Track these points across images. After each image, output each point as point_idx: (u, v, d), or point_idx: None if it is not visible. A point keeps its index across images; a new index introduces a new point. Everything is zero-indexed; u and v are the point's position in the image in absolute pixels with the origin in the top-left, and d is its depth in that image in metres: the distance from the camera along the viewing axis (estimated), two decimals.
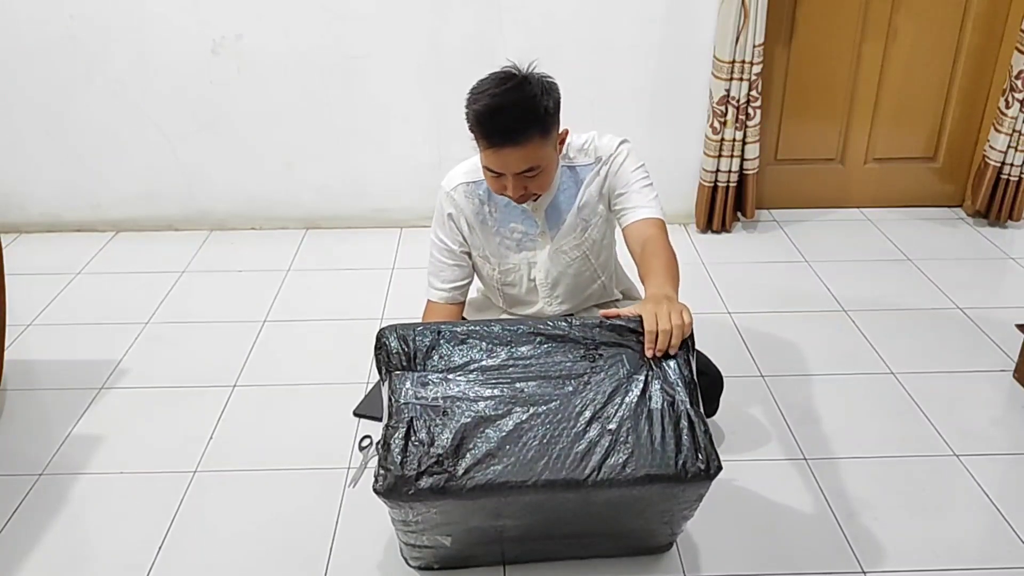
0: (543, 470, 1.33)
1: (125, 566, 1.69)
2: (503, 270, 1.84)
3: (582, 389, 1.40)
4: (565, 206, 1.77)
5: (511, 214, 1.78)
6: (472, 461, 1.33)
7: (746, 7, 2.77)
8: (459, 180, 1.78)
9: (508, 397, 1.39)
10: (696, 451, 1.35)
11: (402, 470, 1.33)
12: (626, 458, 1.34)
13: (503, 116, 1.53)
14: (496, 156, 1.57)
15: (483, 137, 1.57)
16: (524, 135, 1.54)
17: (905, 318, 2.57)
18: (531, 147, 1.56)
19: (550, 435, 1.35)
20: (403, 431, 1.36)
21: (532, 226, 1.79)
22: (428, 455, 1.33)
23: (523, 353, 1.43)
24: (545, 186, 1.66)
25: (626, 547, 1.64)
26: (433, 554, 1.59)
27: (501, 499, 1.34)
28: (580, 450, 1.34)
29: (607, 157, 1.74)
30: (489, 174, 1.63)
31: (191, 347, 2.47)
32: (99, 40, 2.93)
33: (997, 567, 1.66)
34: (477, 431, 1.36)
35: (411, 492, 1.32)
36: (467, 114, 1.58)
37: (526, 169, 1.58)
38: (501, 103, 1.52)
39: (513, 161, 1.56)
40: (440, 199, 1.81)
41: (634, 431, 1.36)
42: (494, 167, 1.59)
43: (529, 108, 1.54)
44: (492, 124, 1.54)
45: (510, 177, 1.59)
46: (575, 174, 1.76)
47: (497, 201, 1.77)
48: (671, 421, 1.37)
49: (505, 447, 1.34)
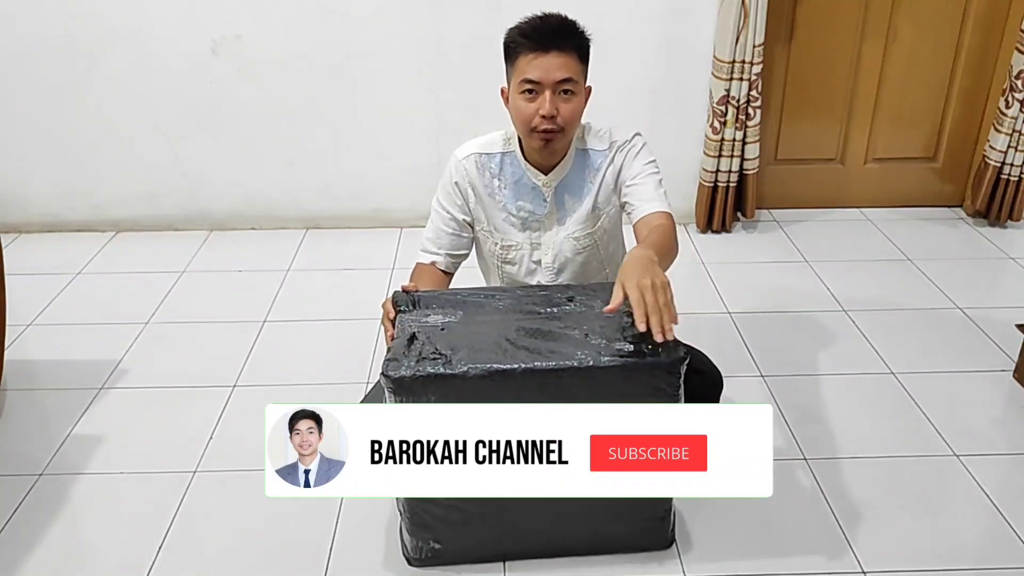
0: (531, 360, 1.44)
1: (125, 566, 1.69)
2: (504, 246, 1.84)
3: (568, 316, 1.58)
4: (574, 189, 1.78)
5: (520, 191, 1.78)
6: (469, 357, 1.45)
7: (746, 7, 2.77)
8: (473, 150, 1.80)
9: (500, 321, 1.56)
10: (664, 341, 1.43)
11: (406, 359, 1.45)
12: (604, 353, 1.46)
13: (551, 21, 1.64)
14: (539, 61, 1.61)
15: (528, 41, 1.62)
16: (568, 43, 1.63)
17: (905, 318, 2.57)
18: (572, 60, 1.63)
19: (539, 347, 1.48)
20: (406, 340, 1.51)
21: (540, 206, 1.79)
22: (429, 350, 1.48)
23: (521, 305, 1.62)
24: (572, 121, 1.67)
25: (626, 532, 1.65)
26: (436, 539, 1.61)
27: (493, 385, 1.43)
28: (566, 351, 1.47)
29: (622, 144, 1.76)
30: (524, 96, 1.64)
31: (191, 347, 2.47)
32: (99, 40, 2.93)
33: (997, 567, 1.66)
34: (474, 339, 1.50)
35: (413, 376, 1.42)
36: (508, 36, 1.66)
37: (564, 80, 1.62)
38: (551, 15, 1.66)
39: (555, 66, 1.61)
40: (450, 167, 1.82)
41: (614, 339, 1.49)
42: (535, 75, 1.61)
43: (573, 25, 1.66)
44: (541, 27, 1.63)
45: (547, 94, 1.62)
46: (588, 158, 1.77)
47: (507, 177, 1.78)
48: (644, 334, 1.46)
49: (498, 350, 1.48)
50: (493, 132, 1.81)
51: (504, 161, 1.79)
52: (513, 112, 1.70)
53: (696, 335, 2.33)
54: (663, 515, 1.65)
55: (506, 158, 1.79)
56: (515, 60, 1.65)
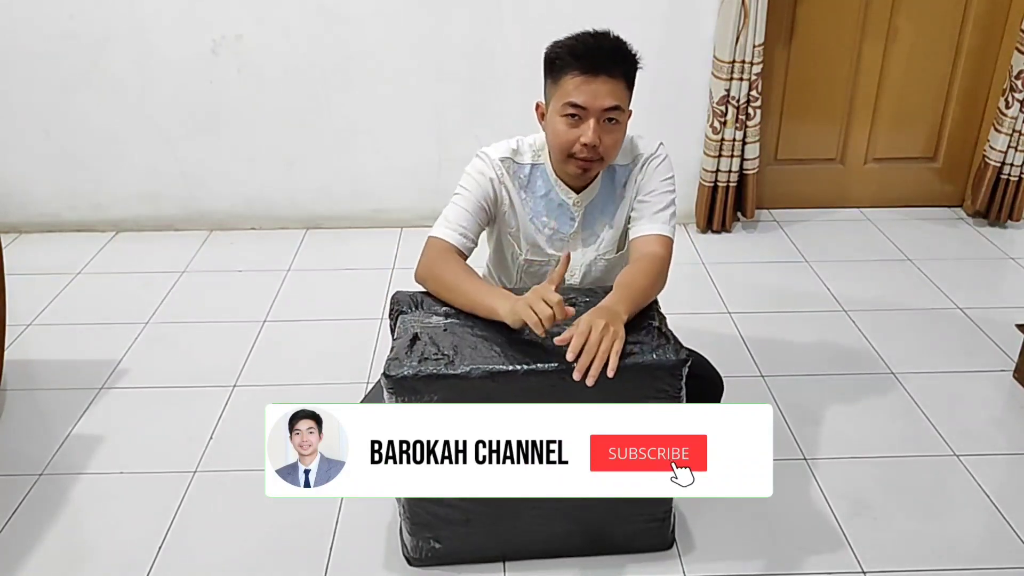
0: (532, 361, 1.45)
1: (125, 566, 1.69)
2: (528, 259, 1.76)
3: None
4: (604, 207, 1.72)
5: (548, 207, 1.70)
6: (470, 357, 1.46)
7: (746, 7, 2.77)
8: (504, 154, 1.69)
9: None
10: (667, 343, 1.49)
11: (408, 358, 1.46)
12: None
13: (606, 42, 1.55)
14: (588, 86, 1.52)
15: (578, 62, 1.52)
16: (619, 68, 1.54)
17: (905, 318, 2.57)
18: (620, 87, 1.55)
19: (541, 348, 1.48)
20: (408, 340, 1.51)
21: (567, 224, 1.72)
22: (431, 350, 1.48)
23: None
24: (613, 151, 1.60)
25: (626, 532, 1.65)
26: (436, 538, 1.61)
27: (495, 385, 1.44)
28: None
29: (647, 157, 1.69)
30: (566, 119, 1.55)
31: (191, 347, 2.47)
32: (99, 40, 2.93)
33: (997, 567, 1.66)
34: (476, 340, 1.50)
35: (415, 375, 1.43)
36: (553, 52, 1.57)
37: (612, 107, 1.53)
38: (603, 36, 1.56)
39: (604, 92, 1.52)
40: (480, 164, 1.68)
41: None
42: (581, 100, 1.52)
43: (626, 49, 1.57)
44: (594, 49, 1.53)
45: (592, 120, 1.53)
46: (614, 174, 1.71)
47: (534, 190, 1.70)
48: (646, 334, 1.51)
49: (500, 351, 1.48)
50: (512, 138, 1.71)
51: (533, 173, 1.70)
52: (550, 134, 1.61)
53: (696, 335, 2.33)
54: (663, 516, 1.65)
55: (535, 170, 1.70)
56: (559, 79, 1.55)
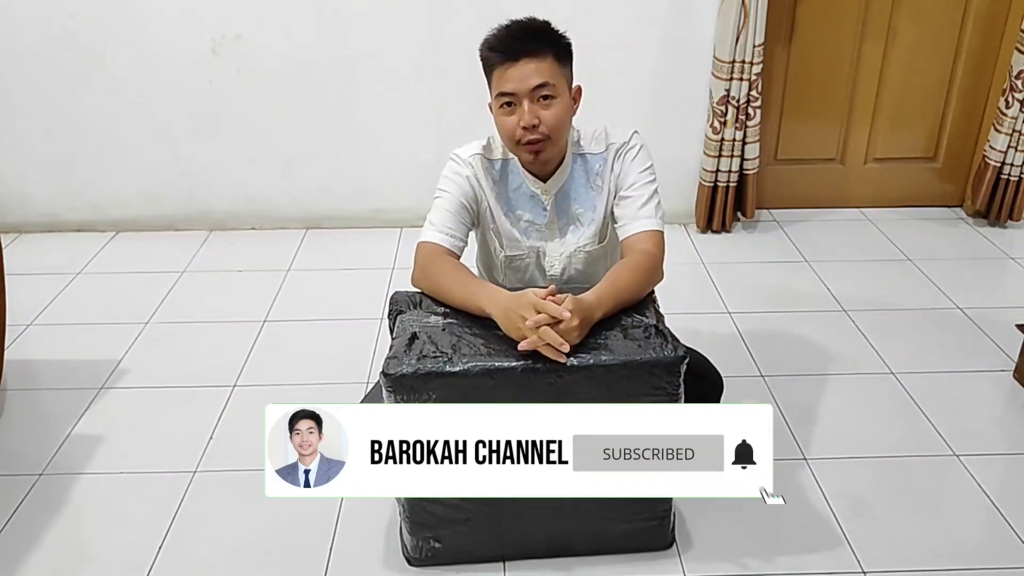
0: (531, 359, 1.45)
1: (125, 566, 1.69)
2: (509, 255, 1.79)
3: None
4: (578, 197, 1.75)
5: (519, 200, 1.75)
6: (469, 355, 1.46)
7: (746, 7, 2.77)
8: (475, 151, 1.73)
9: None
10: (665, 342, 1.49)
11: (407, 357, 1.46)
12: (604, 352, 1.47)
13: (520, 28, 1.58)
14: (512, 71, 1.56)
15: (499, 53, 1.57)
16: (540, 47, 1.57)
17: (905, 318, 2.57)
18: (547, 64, 1.57)
19: None
20: (406, 339, 1.51)
21: (540, 215, 1.75)
22: (430, 349, 1.48)
23: None
24: (558, 127, 1.61)
25: (626, 532, 1.65)
26: (436, 538, 1.61)
27: (494, 383, 1.44)
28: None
29: (620, 146, 1.71)
30: (503, 110, 1.60)
31: (191, 347, 2.47)
32: (99, 40, 2.93)
33: (997, 567, 1.66)
34: (475, 338, 1.50)
35: (414, 373, 1.43)
36: (480, 52, 1.61)
37: (539, 86, 1.56)
38: (518, 22, 1.60)
39: (528, 72, 1.55)
40: (454, 165, 1.72)
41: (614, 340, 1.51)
42: (509, 86, 1.57)
43: (545, 28, 1.60)
44: (508, 36, 1.57)
45: (524, 103, 1.57)
46: (586, 163, 1.73)
47: (508, 184, 1.74)
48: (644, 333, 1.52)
49: (499, 349, 1.48)
50: (484, 137, 1.75)
51: (505, 167, 1.74)
52: (498, 128, 1.66)
53: (696, 335, 2.34)
54: (663, 515, 1.65)
55: (507, 164, 1.74)
56: (491, 75, 1.61)
